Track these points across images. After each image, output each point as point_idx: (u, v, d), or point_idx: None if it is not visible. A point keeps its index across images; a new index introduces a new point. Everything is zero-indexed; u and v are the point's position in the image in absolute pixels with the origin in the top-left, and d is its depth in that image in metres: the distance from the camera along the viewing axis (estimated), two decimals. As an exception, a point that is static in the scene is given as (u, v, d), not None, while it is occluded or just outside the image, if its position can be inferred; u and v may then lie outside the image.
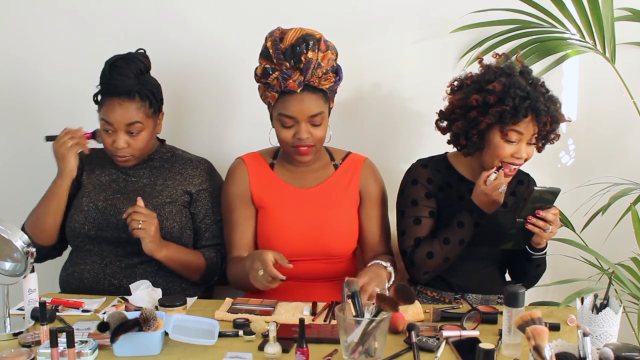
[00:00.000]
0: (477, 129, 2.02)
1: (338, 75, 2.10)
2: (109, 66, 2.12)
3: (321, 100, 2.06)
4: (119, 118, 2.10)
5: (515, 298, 1.66)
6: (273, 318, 1.87)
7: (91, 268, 2.18)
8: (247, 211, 2.17)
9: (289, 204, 2.15)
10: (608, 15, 2.33)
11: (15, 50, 2.63)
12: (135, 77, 2.12)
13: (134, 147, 2.15)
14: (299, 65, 1.99)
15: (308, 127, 2.05)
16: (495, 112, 1.96)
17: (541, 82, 2.04)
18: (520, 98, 1.95)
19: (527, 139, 2.01)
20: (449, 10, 2.46)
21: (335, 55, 2.07)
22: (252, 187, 2.17)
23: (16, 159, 2.70)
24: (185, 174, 2.25)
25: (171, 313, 1.79)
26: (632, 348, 1.53)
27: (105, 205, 2.18)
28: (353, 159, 2.24)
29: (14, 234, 1.79)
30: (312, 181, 2.19)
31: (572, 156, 2.61)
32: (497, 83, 1.98)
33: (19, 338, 1.77)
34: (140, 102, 2.12)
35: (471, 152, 2.09)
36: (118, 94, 2.10)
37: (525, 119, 1.97)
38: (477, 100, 2.00)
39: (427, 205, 2.14)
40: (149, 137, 2.18)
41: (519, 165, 2.05)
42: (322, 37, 2.04)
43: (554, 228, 1.97)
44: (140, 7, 2.57)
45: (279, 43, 2.01)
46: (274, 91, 2.04)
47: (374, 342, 1.59)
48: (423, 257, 2.08)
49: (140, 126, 2.13)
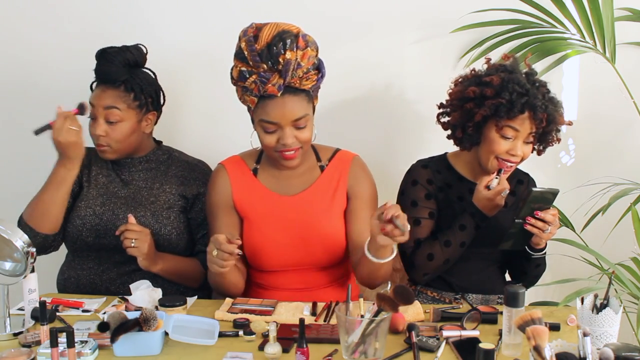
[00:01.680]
0: (473, 121, 2.02)
1: (320, 72, 1.96)
2: (100, 53, 2.14)
3: (304, 101, 1.93)
4: (98, 102, 2.11)
5: (515, 298, 1.66)
6: (273, 318, 1.87)
7: (88, 274, 2.17)
8: (230, 219, 2.06)
9: (273, 213, 2.04)
10: (608, 15, 2.33)
11: (11, 49, 2.64)
12: (122, 67, 2.12)
13: (111, 137, 2.12)
14: (277, 66, 1.86)
15: (292, 131, 1.93)
16: (491, 104, 1.97)
17: (544, 84, 2.04)
18: (518, 94, 1.95)
19: (523, 137, 2.01)
20: (449, 10, 2.46)
21: (315, 51, 1.93)
22: (235, 195, 2.07)
23: (16, 158, 2.70)
24: (182, 178, 2.23)
25: (171, 313, 1.79)
26: (632, 348, 1.53)
27: (103, 210, 2.16)
28: (341, 158, 2.11)
29: (14, 234, 1.79)
30: (297, 187, 2.07)
31: (572, 156, 2.61)
32: (495, 77, 1.99)
33: (19, 338, 1.77)
34: (124, 92, 2.12)
35: (467, 147, 2.09)
36: (104, 81, 2.12)
37: (522, 115, 1.97)
38: (474, 92, 2.00)
39: (426, 207, 2.14)
40: (129, 130, 2.14)
41: (515, 163, 2.05)
42: (299, 31, 1.90)
43: (553, 229, 1.97)
44: (133, 6, 2.57)
45: (254, 43, 1.87)
46: (253, 95, 1.92)
47: (374, 342, 1.59)
48: (423, 258, 2.07)
49: (118, 114, 2.11)
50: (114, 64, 2.11)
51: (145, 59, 2.21)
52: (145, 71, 2.21)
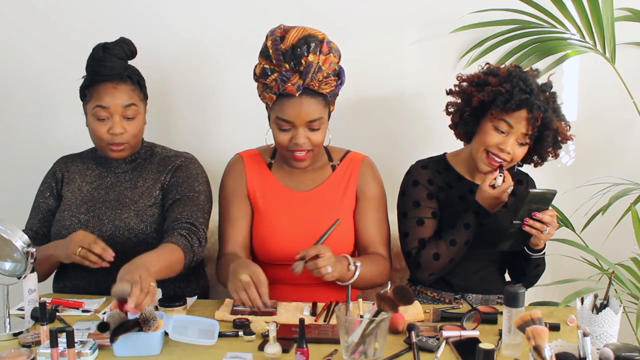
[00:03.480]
0: (471, 105, 2.04)
1: (340, 78, 2.03)
2: (100, 49, 2.06)
3: (320, 104, 1.99)
4: (117, 101, 2.05)
5: (515, 298, 1.66)
6: (273, 318, 1.87)
7: (84, 284, 2.14)
8: (245, 207, 2.13)
9: (285, 207, 2.10)
10: (608, 15, 2.33)
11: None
12: (124, 60, 2.09)
13: (130, 133, 2.09)
14: (298, 67, 1.93)
15: (305, 132, 1.99)
16: (490, 90, 1.99)
17: (555, 96, 2.06)
18: (520, 89, 1.97)
19: (516, 135, 2.02)
20: (449, 10, 2.46)
21: (337, 58, 2.00)
22: (249, 185, 2.13)
23: (15, 158, 2.70)
24: (161, 171, 2.18)
25: (171, 313, 1.79)
26: (632, 348, 1.53)
27: (88, 218, 2.10)
28: (351, 158, 2.18)
29: (14, 234, 1.79)
30: (309, 183, 2.14)
31: (572, 156, 2.61)
32: (504, 69, 2.03)
33: (19, 338, 1.77)
34: (132, 86, 2.09)
35: (462, 132, 2.12)
36: (111, 77, 2.05)
37: (519, 112, 1.98)
38: (479, 78, 2.04)
39: (429, 206, 2.14)
40: (142, 123, 2.14)
41: (504, 160, 2.04)
42: (325, 37, 1.98)
43: (551, 229, 1.97)
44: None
45: (280, 43, 1.94)
46: (272, 93, 1.98)
47: (374, 342, 1.59)
48: (429, 258, 2.07)
49: (136, 109, 2.08)
50: (120, 57, 2.07)
51: (136, 50, 2.15)
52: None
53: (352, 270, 1.97)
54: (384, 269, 2.10)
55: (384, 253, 2.13)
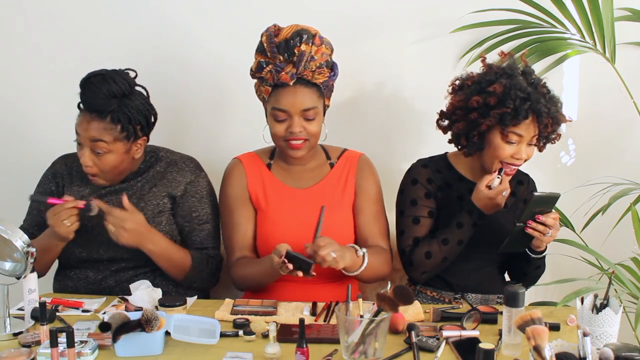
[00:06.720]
0: (478, 130, 2.02)
1: (333, 70, 2.08)
2: (84, 82, 2.03)
3: (315, 94, 2.04)
4: (84, 133, 2.02)
5: (515, 298, 1.66)
6: (273, 318, 1.87)
7: (85, 284, 2.15)
8: (247, 211, 2.15)
9: (285, 205, 2.13)
10: (608, 15, 2.33)
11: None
12: (109, 98, 2.00)
13: (100, 168, 2.06)
14: (292, 58, 1.99)
15: (301, 121, 2.03)
16: (496, 114, 1.97)
17: (542, 83, 2.04)
18: (521, 100, 1.95)
19: (527, 140, 2.01)
20: (449, 10, 2.46)
21: (330, 50, 2.06)
22: (250, 187, 2.16)
23: (15, 158, 2.70)
24: (170, 178, 2.17)
25: (171, 313, 1.79)
26: (632, 348, 1.53)
27: (93, 224, 2.08)
28: (349, 156, 2.22)
29: (14, 234, 1.79)
30: (308, 181, 2.17)
31: (572, 156, 2.61)
32: (497, 85, 1.98)
33: (19, 338, 1.77)
34: (110, 124, 2.01)
35: (472, 153, 2.09)
36: (89, 111, 2.02)
37: (526, 120, 1.97)
38: (477, 102, 2.00)
39: (426, 205, 2.14)
40: (117, 161, 2.06)
41: (519, 165, 2.06)
42: (317, 32, 2.04)
43: (554, 232, 1.97)
44: (135, 10, 2.55)
45: (274, 37, 2.01)
46: (267, 85, 2.03)
47: (374, 342, 1.60)
48: (421, 257, 2.08)
49: (105, 146, 2.02)
50: (99, 95, 1.99)
51: (134, 84, 2.09)
52: (135, 96, 2.08)
53: (360, 255, 2.00)
54: (385, 259, 2.13)
55: (384, 245, 2.16)
